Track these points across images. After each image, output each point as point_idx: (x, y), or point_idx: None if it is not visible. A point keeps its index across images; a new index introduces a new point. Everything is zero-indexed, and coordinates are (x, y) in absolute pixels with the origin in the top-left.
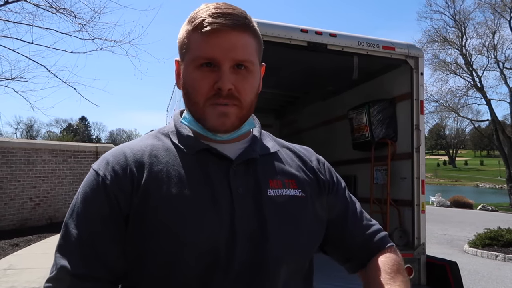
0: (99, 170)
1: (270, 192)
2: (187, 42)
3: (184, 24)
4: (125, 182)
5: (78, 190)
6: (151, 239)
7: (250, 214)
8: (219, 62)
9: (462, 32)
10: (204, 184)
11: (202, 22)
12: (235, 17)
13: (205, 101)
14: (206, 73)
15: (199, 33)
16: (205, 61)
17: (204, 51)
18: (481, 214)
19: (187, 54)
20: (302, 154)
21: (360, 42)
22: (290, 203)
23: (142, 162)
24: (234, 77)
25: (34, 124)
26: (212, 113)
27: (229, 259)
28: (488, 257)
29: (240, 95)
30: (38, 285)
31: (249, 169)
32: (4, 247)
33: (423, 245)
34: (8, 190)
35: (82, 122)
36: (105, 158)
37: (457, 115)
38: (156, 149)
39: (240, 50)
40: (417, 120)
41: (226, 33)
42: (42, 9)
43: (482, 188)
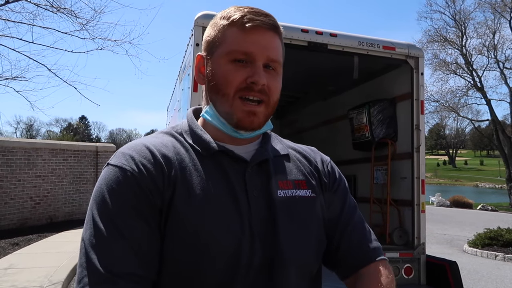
0: (123, 165)
1: (280, 193)
2: (221, 36)
3: (214, 22)
4: (157, 177)
5: (95, 190)
6: (179, 238)
7: (263, 215)
8: (255, 58)
9: (462, 32)
10: (225, 186)
11: (242, 18)
12: (272, 19)
13: (235, 92)
14: (238, 67)
15: (238, 28)
16: (241, 56)
17: (242, 46)
18: (481, 214)
19: (220, 48)
20: (308, 154)
21: (360, 42)
22: (300, 204)
23: (169, 157)
24: (265, 75)
25: (34, 123)
26: (240, 108)
27: (249, 261)
28: (488, 257)
29: (270, 92)
30: (39, 284)
31: (261, 170)
32: (4, 246)
33: (423, 244)
34: (8, 189)
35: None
36: (125, 153)
37: (457, 115)
38: (177, 146)
39: (274, 50)
40: (417, 120)
41: (264, 32)
42: (43, 8)
43: (482, 188)
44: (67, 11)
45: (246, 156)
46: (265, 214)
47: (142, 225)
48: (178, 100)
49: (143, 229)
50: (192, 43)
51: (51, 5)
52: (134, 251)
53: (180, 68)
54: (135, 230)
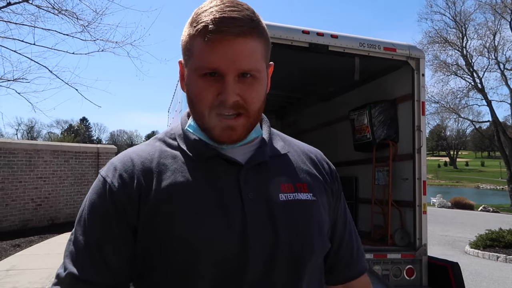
0: (106, 176)
1: (282, 196)
2: (190, 47)
3: (187, 25)
4: (132, 191)
5: (86, 195)
6: (163, 248)
7: (264, 220)
8: (223, 72)
9: (463, 33)
10: (213, 191)
11: (205, 28)
12: (240, 22)
13: (209, 111)
14: (210, 83)
15: (202, 40)
16: (208, 71)
17: (207, 61)
18: (482, 215)
19: (190, 61)
20: (313, 155)
21: (361, 43)
22: (301, 208)
23: (150, 169)
24: (239, 86)
25: (35, 125)
26: (217, 124)
27: (243, 266)
28: (490, 258)
29: (247, 104)
30: (40, 285)
31: (260, 173)
32: (6, 247)
33: (425, 246)
34: (10, 191)
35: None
36: (113, 164)
37: (458, 116)
38: (164, 156)
39: (245, 59)
40: (418, 121)
41: (230, 42)
42: (44, 10)
43: (483, 189)
44: (69, 13)
45: (242, 159)
46: (266, 218)
47: (110, 237)
48: (179, 102)
49: (110, 241)
50: None
51: (53, 7)
52: (102, 262)
53: None
54: (104, 242)
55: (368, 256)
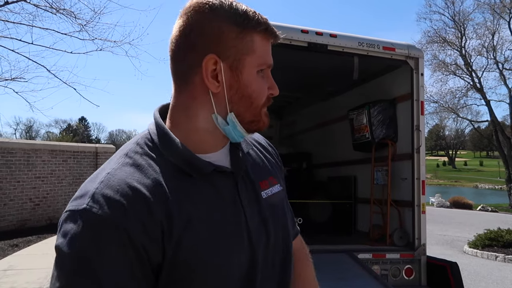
0: (114, 217)
1: (264, 194)
2: (249, 42)
3: (224, 15)
4: (153, 229)
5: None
6: (193, 280)
7: (258, 223)
8: (269, 69)
9: (462, 33)
10: (223, 210)
11: (267, 26)
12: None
13: (263, 105)
14: (263, 79)
15: (262, 38)
16: (266, 67)
17: (269, 58)
18: (480, 214)
19: (249, 56)
20: (260, 141)
21: (360, 43)
22: (278, 201)
23: (164, 197)
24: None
25: (33, 124)
26: (266, 115)
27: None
28: (488, 258)
29: None
30: (38, 285)
31: (246, 177)
32: (3, 247)
33: (424, 245)
34: (8, 190)
35: (82, 123)
36: (107, 196)
37: (457, 116)
38: (164, 177)
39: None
40: (417, 120)
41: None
42: (42, 9)
43: (481, 188)
44: (67, 12)
45: (227, 164)
46: (258, 220)
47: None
48: None
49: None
50: None
51: (51, 6)
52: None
53: None
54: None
55: (367, 256)
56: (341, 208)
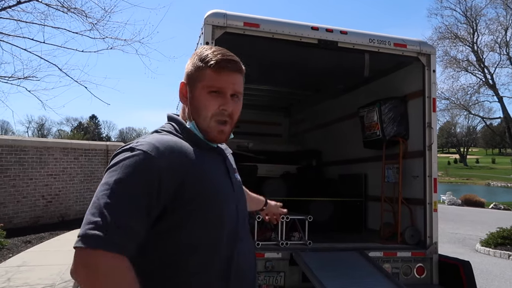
0: (150, 151)
1: (236, 176)
2: (199, 74)
3: (194, 60)
4: (177, 167)
5: (118, 162)
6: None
7: (235, 190)
8: (225, 91)
9: (474, 28)
10: (220, 171)
11: (216, 63)
12: (236, 64)
13: (211, 117)
14: (214, 97)
15: (212, 70)
16: (215, 89)
17: (216, 83)
18: (493, 212)
19: (200, 82)
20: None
21: (371, 40)
22: (241, 184)
23: (184, 151)
24: (231, 102)
25: (45, 122)
26: (214, 128)
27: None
28: (501, 257)
29: (233, 115)
30: (51, 282)
31: (227, 162)
32: (17, 244)
33: (435, 244)
34: (21, 188)
35: (93, 121)
36: (151, 143)
37: (469, 113)
38: (184, 143)
39: (237, 84)
40: (429, 118)
41: (231, 73)
42: (54, 8)
43: (493, 186)
44: (78, 11)
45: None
46: (236, 185)
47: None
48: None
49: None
50: (202, 42)
51: (62, 5)
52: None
53: None
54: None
55: (378, 254)
56: (352, 206)
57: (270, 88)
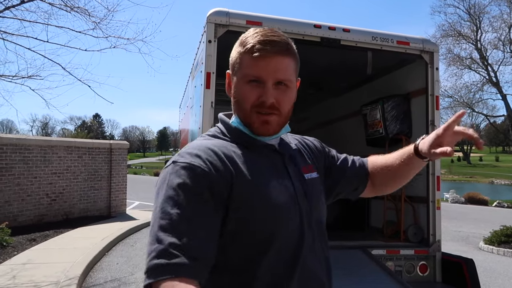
0: (193, 162)
1: (307, 176)
2: (239, 61)
3: (236, 46)
4: (222, 171)
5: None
6: (256, 218)
7: (302, 194)
8: (265, 80)
9: (477, 26)
10: (277, 173)
11: (252, 47)
12: (279, 44)
13: (251, 108)
14: (253, 87)
15: (250, 56)
16: (254, 78)
17: (253, 71)
18: (496, 210)
19: (239, 71)
20: (305, 139)
21: (374, 37)
22: (315, 183)
23: (229, 155)
24: (276, 92)
25: (49, 121)
26: (256, 120)
27: (303, 233)
28: (505, 255)
29: (280, 106)
30: (56, 279)
31: (291, 160)
32: (22, 242)
33: (439, 242)
34: (25, 186)
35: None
36: (192, 153)
37: (472, 111)
38: (229, 146)
39: (281, 71)
40: (432, 115)
41: (271, 58)
42: (57, 7)
43: (497, 184)
44: (81, 10)
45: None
46: (303, 193)
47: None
48: (191, 97)
49: (209, 214)
50: (204, 40)
51: (65, 4)
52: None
53: (193, 66)
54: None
55: (381, 252)
56: (355, 204)
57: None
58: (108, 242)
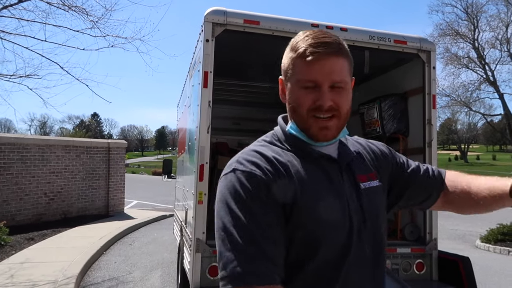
0: (251, 170)
1: (362, 186)
2: (292, 67)
3: (287, 51)
4: (279, 179)
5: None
6: (305, 226)
7: (356, 206)
8: (320, 83)
9: (475, 25)
10: (330, 185)
11: (304, 51)
12: (331, 45)
13: (307, 113)
14: (309, 92)
15: (303, 61)
16: (308, 83)
17: (308, 75)
18: None
19: (292, 76)
20: (370, 144)
21: (371, 36)
22: (374, 194)
23: (284, 164)
24: (332, 94)
25: (47, 120)
26: (314, 125)
27: (350, 244)
28: (501, 253)
29: (338, 107)
30: (53, 278)
31: (348, 168)
32: (20, 241)
33: (435, 240)
34: (23, 185)
35: (94, 119)
36: (251, 161)
37: (469, 110)
38: (284, 154)
39: (336, 73)
40: (429, 114)
41: (324, 60)
42: (55, 7)
43: None
44: (79, 9)
45: (334, 155)
46: (357, 204)
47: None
48: (189, 96)
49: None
50: (202, 39)
51: (63, 4)
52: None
53: (190, 65)
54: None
55: None
56: None
57: (271, 85)
58: (106, 241)
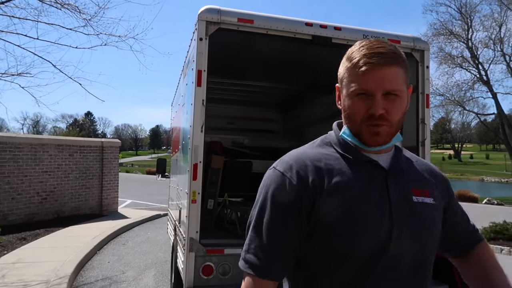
0: (285, 172)
1: (415, 199)
2: (347, 76)
3: (343, 60)
4: (308, 184)
5: (263, 185)
6: (335, 233)
7: (403, 217)
8: (373, 92)
9: (468, 25)
10: (371, 190)
11: (358, 62)
12: (385, 55)
13: (360, 122)
14: (362, 100)
15: (357, 71)
16: (362, 91)
17: (361, 85)
18: (486, 208)
19: (347, 85)
20: (430, 167)
21: (365, 36)
22: (427, 210)
23: (320, 168)
24: (385, 102)
25: (40, 119)
26: (366, 131)
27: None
28: (494, 251)
29: (390, 116)
30: (46, 278)
31: (399, 178)
32: (12, 241)
33: None
34: (16, 185)
35: (88, 117)
36: (288, 162)
37: (463, 109)
38: (328, 158)
39: (388, 81)
40: (422, 113)
41: (377, 70)
42: (47, 4)
43: (487, 182)
44: (71, 7)
45: (385, 164)
46: (405, 216)
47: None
48: (182, 95)
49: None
50: (195, 38)
51: (56, 1)
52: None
53: (184, 63)
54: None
55: None
56: None
57: (265, 84)
58: (100, 241)
